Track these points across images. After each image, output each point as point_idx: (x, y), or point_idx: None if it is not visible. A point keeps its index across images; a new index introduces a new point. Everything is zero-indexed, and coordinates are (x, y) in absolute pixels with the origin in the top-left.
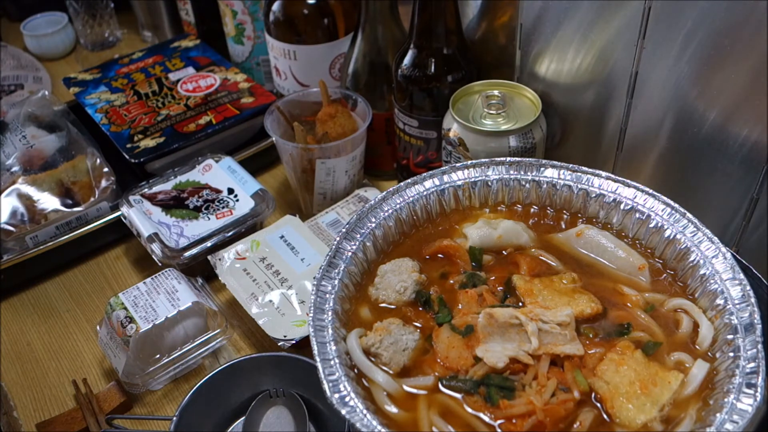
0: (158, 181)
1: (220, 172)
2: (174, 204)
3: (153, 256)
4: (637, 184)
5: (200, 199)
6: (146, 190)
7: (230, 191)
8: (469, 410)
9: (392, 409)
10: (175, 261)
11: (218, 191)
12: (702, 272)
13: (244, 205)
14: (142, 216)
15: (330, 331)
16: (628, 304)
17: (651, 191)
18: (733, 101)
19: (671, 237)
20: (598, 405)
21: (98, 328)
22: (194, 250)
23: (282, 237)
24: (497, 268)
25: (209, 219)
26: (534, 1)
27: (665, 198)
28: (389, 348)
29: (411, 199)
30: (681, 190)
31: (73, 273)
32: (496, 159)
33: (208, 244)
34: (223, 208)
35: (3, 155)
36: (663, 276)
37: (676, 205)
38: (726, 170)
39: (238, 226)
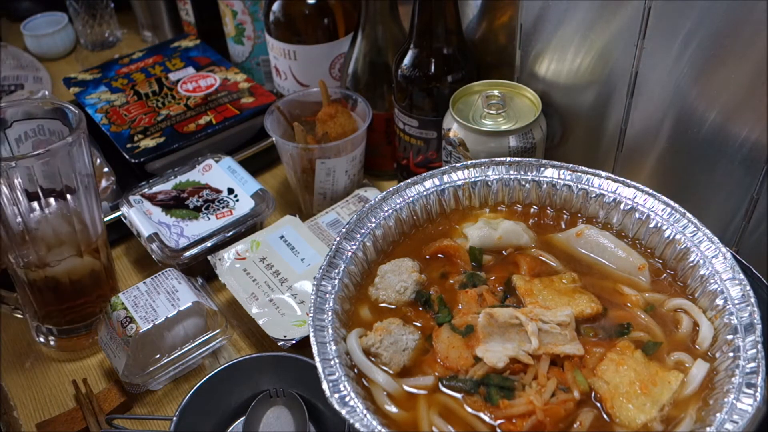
0: (158, 181)
1: (220, 172)
2: (174, 204)
3: (153, 256)
4: (637, 184)
5: (200, 199)
6: (146, 190)
7: (230, 191)
8: (469, 410)
9: (392, 409)
10: (175, 261)
11: (218, 191)
12: (702, 272)
13: (244, 205)
14: (142, 216)
15: (330, 331)
16: (628, 304)
17: (651, 191)
18: (733, 101)
19: (671, 237)
20: (598, 405)
21: (98, 328)
22: (194, 250)
23: (282, 237)
24: (497, 268)
25: (209, 219)
26: (534, 1)
27: (665, 198)
28: (389, 348)
29: (411, 199)
30: (681, 190)
31: None
32: (496, 159)
33: (208, 244)
34: (223, 208)
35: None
36: (663, 276)
37: (676, 205)
38: (726, 170)
39: (238, 226)
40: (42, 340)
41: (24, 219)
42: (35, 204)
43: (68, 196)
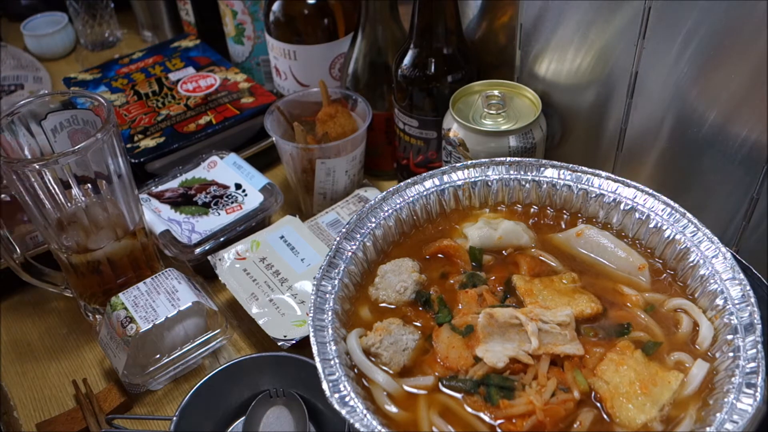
0: (164, 180)
1: (225, 168)
2: (182, 201)
3: (166, 252)
4: (637, 184)
5: (208, 195)
6: (153, 188)
7: (238, 186)
8: (469, 410)
9: (392, 409)
10: (188, 257)
11: (225, 187)
12: (702, 272)
13: (253, 200)
14: (152, 214)
15: (330, 331)
16: (628, 304)
17: (651, 191)
18: (733, 101)
19: (671, 237)
20: (598, 405)
21: (98, 328)
22: (207, 245)
23: (282, 237)
24: (497, 268)
25: (219, 214)
26: (534, 1)
27: (665, 198)
28: (389, 348)
29: (411, 199)
30: (681, 190)
31: None
32: (496, 159)
33: (221, 239)
34: (232, 203)
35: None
36: (663, 276)
37: (676, 205)
38: (726, 170)
39: (249, 220)
40: (91, 319)
41: (60, 207)
42: (70, 194)
43: (102, 185)
